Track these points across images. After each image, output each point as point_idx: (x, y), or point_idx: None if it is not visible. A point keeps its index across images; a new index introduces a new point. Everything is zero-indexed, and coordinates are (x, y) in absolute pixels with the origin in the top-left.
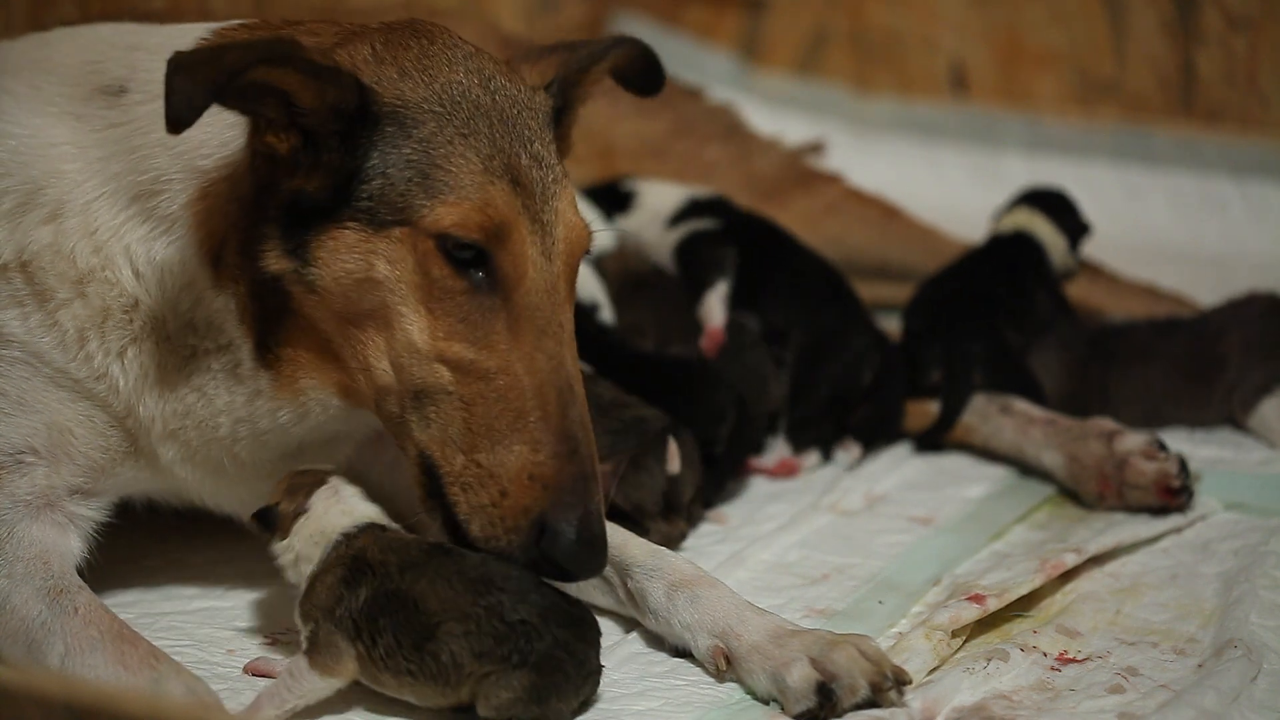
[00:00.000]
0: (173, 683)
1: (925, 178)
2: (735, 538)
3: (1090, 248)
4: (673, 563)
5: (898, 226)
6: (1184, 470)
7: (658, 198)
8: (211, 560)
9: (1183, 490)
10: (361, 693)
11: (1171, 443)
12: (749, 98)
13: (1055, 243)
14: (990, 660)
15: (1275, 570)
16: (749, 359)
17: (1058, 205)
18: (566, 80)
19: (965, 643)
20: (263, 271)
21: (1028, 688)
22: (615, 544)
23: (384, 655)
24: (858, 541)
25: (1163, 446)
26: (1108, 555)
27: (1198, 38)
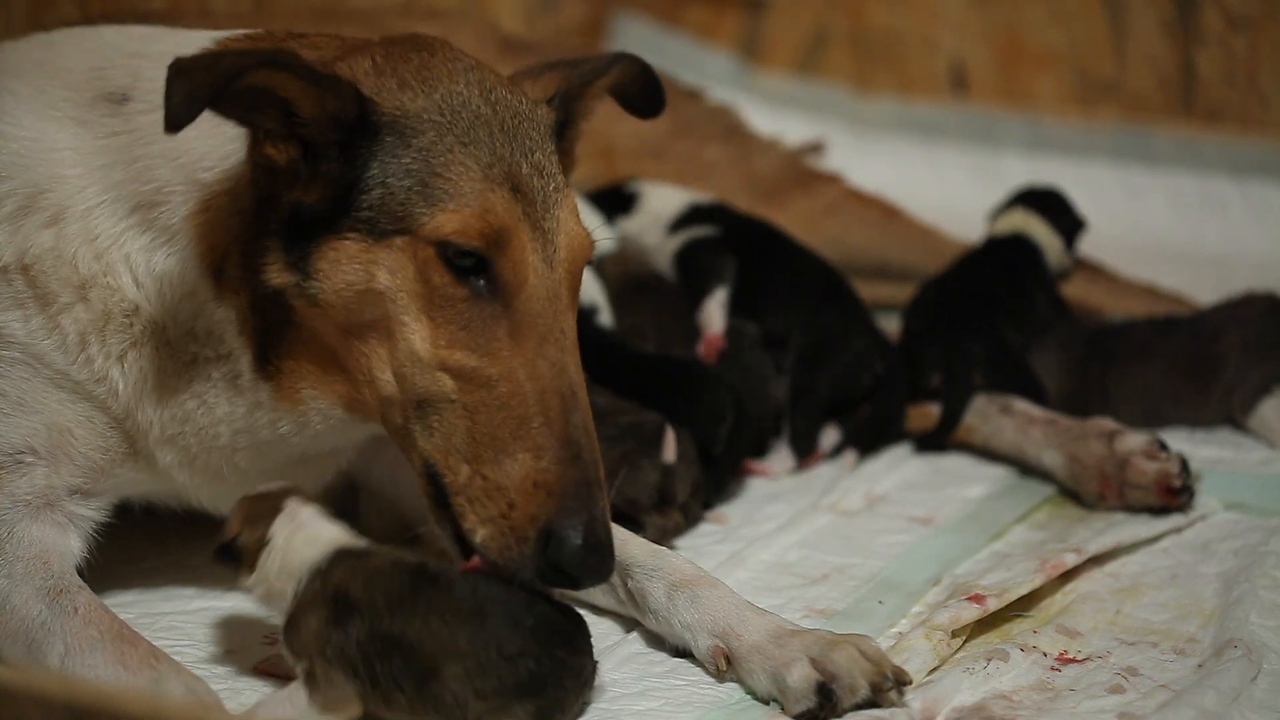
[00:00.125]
0: (173, 683)
1: (925, 178)
2: (735, 538)
3: (1090, 248)
4: (673, 563)
5: (898, 227)
6: (1185, 470)
7: (660, 201)
8: (211, 560)
9: (1184, 490)
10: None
11: (1171, 443)
12: (749, 98)
13: (1051, 244)
14: (990, 660)
15: (1275, 570)
16: (748, 360)
17: (1052, 205)
18: (568, 94)
19: (965, 643)
20: (265, 285)
21: (1028, 688)
22: (615, 544)
23: (385, 695)
24: (858, 541)
25: (1164, 446)
26: (1108, 555)
27: (1198, 38)
